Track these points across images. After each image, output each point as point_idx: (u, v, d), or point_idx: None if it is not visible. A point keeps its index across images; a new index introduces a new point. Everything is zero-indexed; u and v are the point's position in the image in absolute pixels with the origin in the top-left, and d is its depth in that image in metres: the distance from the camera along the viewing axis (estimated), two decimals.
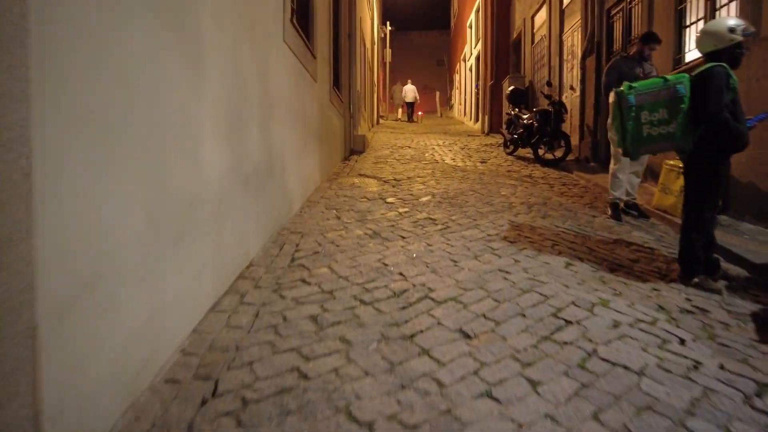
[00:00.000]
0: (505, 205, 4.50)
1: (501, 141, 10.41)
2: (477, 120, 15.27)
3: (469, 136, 12.51)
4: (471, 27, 16.87)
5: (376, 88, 16.50)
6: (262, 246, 3.08)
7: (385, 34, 18.62)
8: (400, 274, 2.72)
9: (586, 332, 2.09)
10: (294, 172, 3.97)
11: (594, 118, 6.86)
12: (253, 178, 2.87)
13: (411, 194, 4.87)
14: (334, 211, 4.12)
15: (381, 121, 17.97)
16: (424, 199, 4.67)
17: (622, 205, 4.30)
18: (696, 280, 2.78)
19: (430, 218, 3.96)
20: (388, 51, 19.34)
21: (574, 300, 2.41)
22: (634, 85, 2.95)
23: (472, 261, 2.97)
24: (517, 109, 8.22)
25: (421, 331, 2.05)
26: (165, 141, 1.75)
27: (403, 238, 3.42)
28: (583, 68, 7.29)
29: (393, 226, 3.72)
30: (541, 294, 2.46)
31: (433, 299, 2.38)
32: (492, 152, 8.68)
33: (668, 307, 2.44)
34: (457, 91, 22.33)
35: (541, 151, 7.30)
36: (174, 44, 1.83)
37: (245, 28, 2.72)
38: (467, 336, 2.02)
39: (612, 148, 4.25)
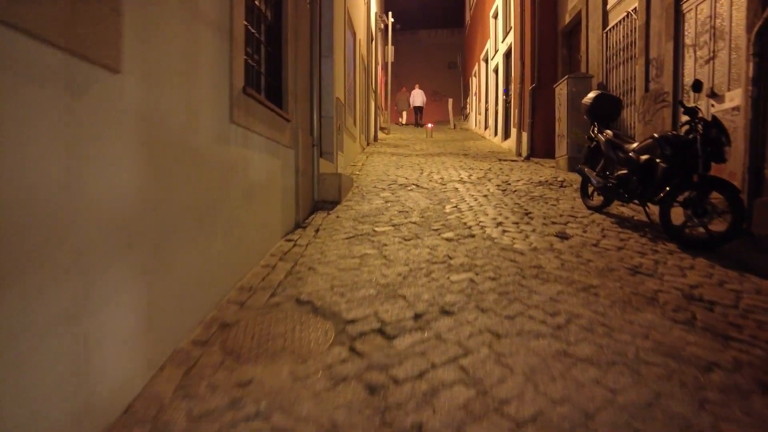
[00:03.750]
0: None
1: (556, 173, 6.86)
2: (506, 136, 11.69)
3: (500, 161, 8.95)
4: (496, 16, 13.34)
5: (374, 95, 12.98)
6: None
7: (386, 26, 14.92)
8: None
9: None
10: None
11: None
12: None
13: None
14: None
15: (381, 134, 14.43)
16: None
17: None
18: None
19: None
20: (390, 48, 15.54)
21: None
22: None
23: None
24: (610, 132, 4.65)
25: None
26: None
27: None
28: (760, 54, 3.73)
29: None
30: None
31: None
32: (559, 203, 5.11)
33: None
34: (474, 98, 18.76)
35: (676, 217, 3.73)
36: None
37: None
38: None
39: None
